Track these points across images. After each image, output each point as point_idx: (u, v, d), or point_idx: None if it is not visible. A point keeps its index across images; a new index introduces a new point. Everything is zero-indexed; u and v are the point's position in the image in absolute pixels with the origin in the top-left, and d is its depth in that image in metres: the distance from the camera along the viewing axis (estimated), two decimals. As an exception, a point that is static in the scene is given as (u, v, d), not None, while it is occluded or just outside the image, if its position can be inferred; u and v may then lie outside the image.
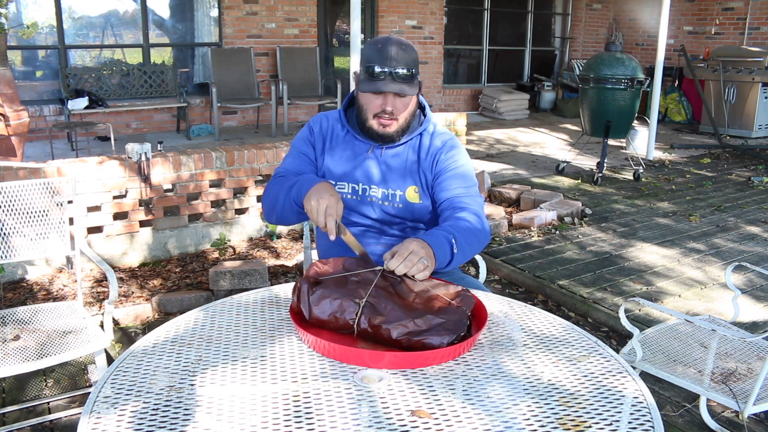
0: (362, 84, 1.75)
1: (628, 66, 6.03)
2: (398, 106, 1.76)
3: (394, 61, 1.70)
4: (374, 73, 1.71)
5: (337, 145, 1.89)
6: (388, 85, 1.70)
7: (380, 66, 1.70)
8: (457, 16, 10.43)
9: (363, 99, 1.79)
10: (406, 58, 1.72)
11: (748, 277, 3.82)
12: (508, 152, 7.40)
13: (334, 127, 1.92)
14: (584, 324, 3.30)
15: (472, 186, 1.83)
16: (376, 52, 1.71)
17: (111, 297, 2.29)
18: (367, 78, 1.73)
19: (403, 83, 1.72)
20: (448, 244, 1.56)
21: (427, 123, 1.89)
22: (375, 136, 1.83)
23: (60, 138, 6.90)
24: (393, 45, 1.72)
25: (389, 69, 1.70)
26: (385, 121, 1.77)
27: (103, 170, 3.68)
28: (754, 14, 9.90)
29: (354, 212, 1.88)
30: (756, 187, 6.18)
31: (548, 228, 4.62)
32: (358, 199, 1.86)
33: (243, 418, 1.17)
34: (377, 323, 1.39)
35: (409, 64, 1.72)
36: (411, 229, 1.90)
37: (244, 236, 4.29)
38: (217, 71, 7.76)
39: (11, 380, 2.66)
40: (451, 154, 1.85)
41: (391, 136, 1.82)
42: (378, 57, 1.71)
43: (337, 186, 1.86)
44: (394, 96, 1.74)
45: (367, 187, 1.86)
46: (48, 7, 7.17)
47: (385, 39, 1.74)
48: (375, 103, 1.76)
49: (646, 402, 1.26)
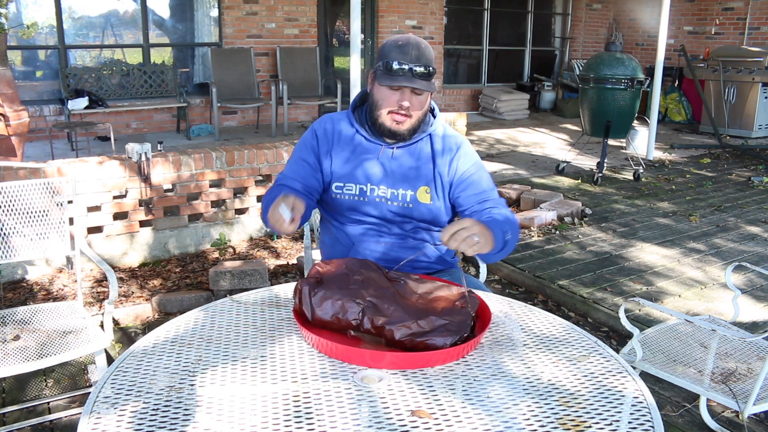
0: (381, 78, 1.75)
1: (628, 66, 6.03)
2: (414, 103, 1.77)
3: (414, 58, 1.72)
4: (393, 68, 1.72)
5: (344, 146, 1.88)
6: (408, 80, 1.72)
7: (400, 62, 1.72)
8: (457, 16, 10.43)
9: (379, 94, 1.79)
10: (426, 56, 1.74)
11: (748, 277, 3.82)
12: (508, 152, 7.39)
13: (340, 128, 1.91)
14: (584, 324, 3.30)
15: (493, 189, 1.88)
16: (397, 48, 1.73)
17: (111, 297, 2.29)
18: (385, 73, 1.74)
19: (421, 80, 1.73)
20: (501, 232, 1.62)
21: (435, 123, 1.90)
22: (386, 133, 1.82)
23: (60, 138, 6.90)
24: (413, 43, 1.74)
25: (409, 65, 1.72)
26: (400, 117, 1.78)
27: (104, 170, 3.68)
28: (754, 14, 9.90)
29: (357, 212, 1.87)
30: (756, 187, 6.18)
31: (548, 228, 4.62)
32: (365, 200, 1.85)
33: (243, 418, 1.17)
34: (380, 324, 1.39)
35: (428, 62, 1.75)
36: (413, 229, 1.90)
37: (245, 236, 4.29)
38: (217, 71, 7.76)
39: (11, 380, 2.66)
40: (467, 159, 1.88)
41: (403, 134, 1.82)
42: (398, 53, 1.72)
43: (345, 187, 1.86)
44: (411, 92, 1.75)
45: (376, 187, 1.85)
46: (48, 7, 7.17)
47: (407, 37, 1.77)
48: (392, 98, 1.77)
49: (646, 402, 1.26)
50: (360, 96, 1.94)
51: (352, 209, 1.86)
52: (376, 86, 1.79)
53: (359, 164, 1.86)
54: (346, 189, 1.86)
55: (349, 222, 1.89)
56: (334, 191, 1.87)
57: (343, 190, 1.86)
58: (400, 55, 1.72)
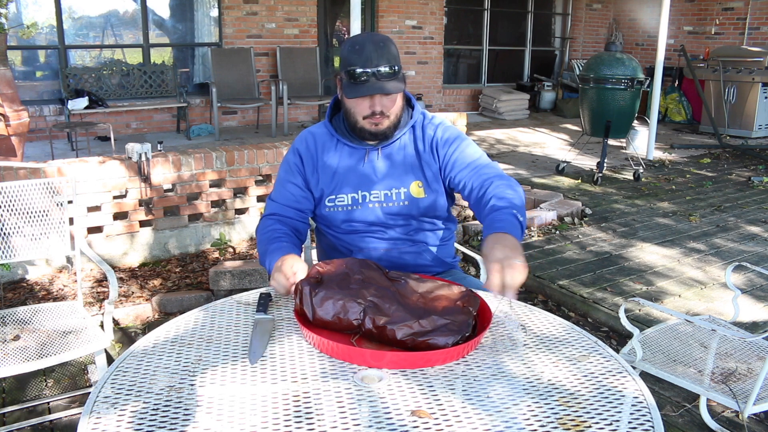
0: (347, 89, 1.70)
1: (628, 66, 6.03)
2: (386, 104, 1.72)
3: (375, 61, 1.65)
4: (356, 75, 1.66)
5: (329, 158, 1.83)
6: (373, 86, 1.66)
7: (362, 67, 1.66)
8: (457, 16, 10.43)
9: (349, 103, 1.75)
10: (387, 55, 1.67)
11: (748, 277, 3.82)
12: (509, 152, 7.39)
13: (322, 141, 1.86)
14: (584, 324, 3.30)
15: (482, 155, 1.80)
16: (355, 54, 1.67)
17: (111, 297, 2.29)
18: (350, 82, 1.68)
19: (387, 81, 1.67)
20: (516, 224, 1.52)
21: (416, 114, 1.85)
22: (368, 136, 1.79)
23: (60, 138, 6.90)
24: (370, 44, 1.67)
25: (371, 69, 1.65)
26: (376, 119, 1.73)
27: (104, 170, 3.68)
28: (754, 14, 9.90)
29: (353, 221, 1.83)
30: (756, 187, 6.18)
31: (548, 228, 4.62)
32: (359, 208, 1.81)
33: (243, 418, 1.17)
34: (382, 324, 1.39)
35: (391, 60, 1.67)
36: (416, 230, 1.87)
37: (245, 236, 4.29)
38: (217, 71, 7.76)
39: (11, 380, 2.66)
40: (448, 137, 1.82)
41: (384, 133, 1.77)
42: (358, 59, 1.66)
43: (337, 200, 1.82)
44: (381, 95, 1.70)
45: (368, 193, 1.81)
46: (48, 7, 7.17)
47: (362, 39, 1.70)
48: (362, 105, 1.72)
49: (646, 402, 1.26)
50: (333, 103, 1.88)
51: (347, 220, 1.83)
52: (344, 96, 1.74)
53: (347, 173, 1.82)
54: (338, 201, 1.82)
55: (345, 232, 1.86)
56: (326, 205, 1.83)
57: (335, 202, 1.82)
58: (360, 60, 1.65)
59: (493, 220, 1.55)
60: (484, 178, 1.72)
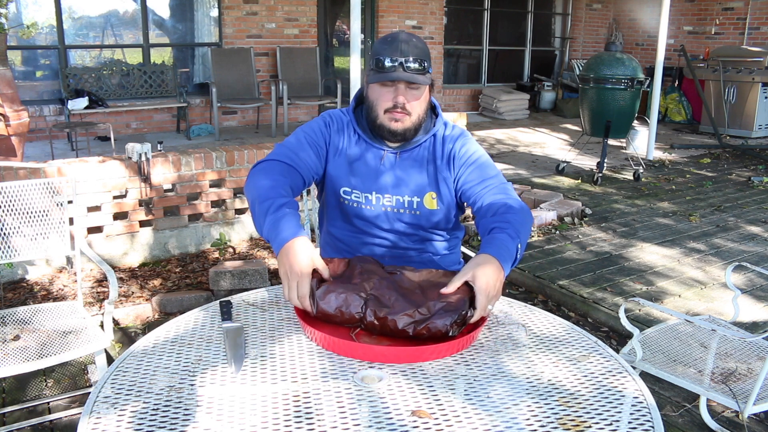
0: (371, 76, 1.68)
1: (628, 66, 6.03)
2: (410, 98, 1.67)
3: (405, 53, 1.63)
4: (385, 65, 1.64)
5: (348, 150, 1.80)
6: (399, 75, 1.63)
7: (390, 58, 1.64)
8: (457, 16, 10.43)
9: (373, 94, 1.71)
10: (417, 50, 1.65)
11: (748, 277, 3.82)
12: (509, 152, 7.39)
13: (347, 130, 1.82)
14: (584, 324, 3.30)
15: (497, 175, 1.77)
16: (386, 45, 1.66)
17: (111, 297, 2.29)
18: (377, 71, 1.66)
19: (414, 74, 1.65)
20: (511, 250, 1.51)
21: (438, 123, 1.81)
22: (386, 135, 1.73)
23: (60, 138, 6.90)
24: (403, 37, 1.67)
25: (400, 60, 1.63)
26: (398, 115, 1.68)
27: (104, 170, 3.68)
28: (754, 14, 9.90)
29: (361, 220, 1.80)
30: (756, 187, 6.18)
31: (548, 228, 4.62)
32: (370, 208, 1.78)
33: (243, 418, 1.17)
34: (383, 315, 1.41)
35: (420, 56, 1.65)
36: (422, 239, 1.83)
37: (245, 236, 4.29)
38: (217, 71, 7.76)
39: (11, 380, 2.66)
40: (465, 150, 1.78)
41: (404, 133, 1.72)
42: (388, 49, 1.65)
43: (353, 194, 1.78)
44: (405, 87, 1.66)
45: (381, 196, 1.77)
46: (48, 7, 7.17)
47: (395, 33, 1.70)
48: (386, 96, 1.68)
49: (646, 402, 1.26)
50: (358, 96, 1.85)
51: (358, 216, 1.80)
52: (370, 87, 1.72)
53: (364, 171, 1.78)
54: (354, 195, 1.78)
55: (350, 228, 1.83)
56: (342, 195, 1.79)
57: (351, 196, 1.79)
58: (390, 51, 1.64)
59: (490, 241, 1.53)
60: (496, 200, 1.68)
